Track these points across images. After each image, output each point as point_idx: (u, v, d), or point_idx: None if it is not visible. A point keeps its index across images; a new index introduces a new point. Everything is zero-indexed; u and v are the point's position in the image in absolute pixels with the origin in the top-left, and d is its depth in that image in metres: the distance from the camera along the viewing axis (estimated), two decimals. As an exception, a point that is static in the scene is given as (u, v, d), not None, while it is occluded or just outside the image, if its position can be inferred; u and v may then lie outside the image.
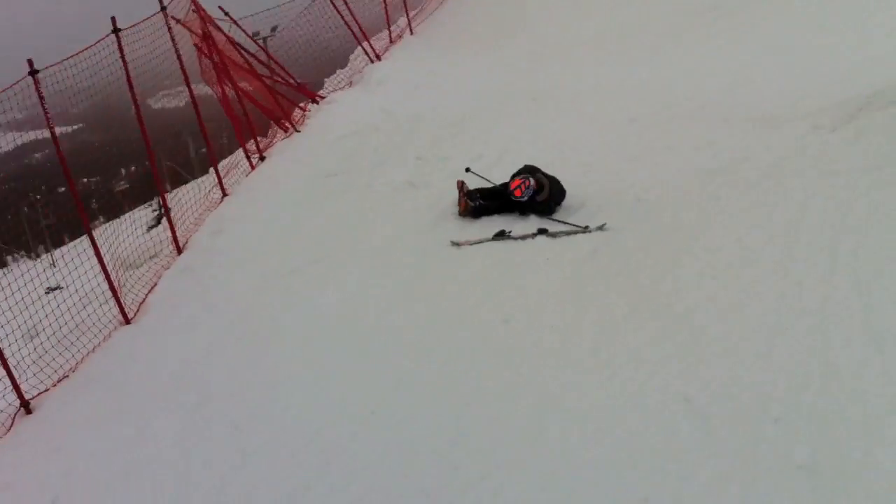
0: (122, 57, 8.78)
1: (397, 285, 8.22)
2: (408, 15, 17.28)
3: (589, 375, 6.00)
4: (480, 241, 8.90)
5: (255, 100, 11.95)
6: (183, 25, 10.69)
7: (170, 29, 10.02)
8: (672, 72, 14.21)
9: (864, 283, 6.15)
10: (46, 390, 7.37)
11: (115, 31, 8.84)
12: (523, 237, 8.82)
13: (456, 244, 8.92)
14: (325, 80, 16.49)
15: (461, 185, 9.69)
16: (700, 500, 4.58)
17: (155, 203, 20.93)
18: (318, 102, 13.43)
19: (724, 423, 5.04)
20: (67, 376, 7.52)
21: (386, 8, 16.91)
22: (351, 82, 14.72)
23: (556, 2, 18.55)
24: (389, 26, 16.87)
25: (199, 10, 11.41)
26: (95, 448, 6.41)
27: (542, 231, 8.83)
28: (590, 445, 5.23)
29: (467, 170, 10.21)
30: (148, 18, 9.90)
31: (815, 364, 5.36)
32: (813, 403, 5.01)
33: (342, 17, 15.52)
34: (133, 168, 45.99)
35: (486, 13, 18.28)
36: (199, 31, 11.21)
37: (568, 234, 8.71)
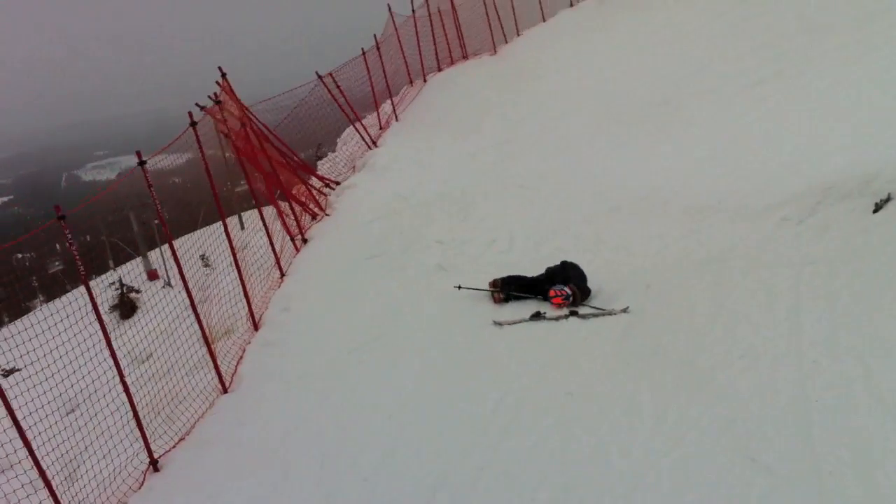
0: (150, 186, 9.16)
1: (457, 362, 9.46)
2: (392, 102, 18.74)
3: (656, 441, 7.37)
4: (520, 321, 10.27)
5: (283, 185, 13.18)
6: (220, 124, 11.72)
7: (200, 145, 10.74)
8: (636, 162, 16.00)
9: (867, 361, 7.73)
10: (169, 451, 8.36)
11: (141, 163, 9.01)
12: (557, 318, 10.23)
13: (498, 324, 10.27)
14: (317, 162, 17.73)
15: (494, 284, 10.99)
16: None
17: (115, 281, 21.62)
18: (332, 188, 14.73)
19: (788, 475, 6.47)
20: (184, 439, 8.53)
21: (374, 95, 18.35)
22: (354, 167, 16.03)
23: (519, 94, 20.37)
24: (379, 113, 18.30)
25: (237, 103, 12.60)
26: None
27: (573, 313, 10.26)
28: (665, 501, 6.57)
29: (458, 287, 11.11)
30: (178, 138, 10.76)
31: (846, 431, 6.87)
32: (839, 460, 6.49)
33: (337, 103, 16.83)
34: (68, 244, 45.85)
35: (459, 101, 19.97)
36: (236, 123, 12.34)
37: (595, 316, 10.16)
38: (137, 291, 24.06)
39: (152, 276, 33.53)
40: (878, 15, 19.32)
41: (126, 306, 20.73)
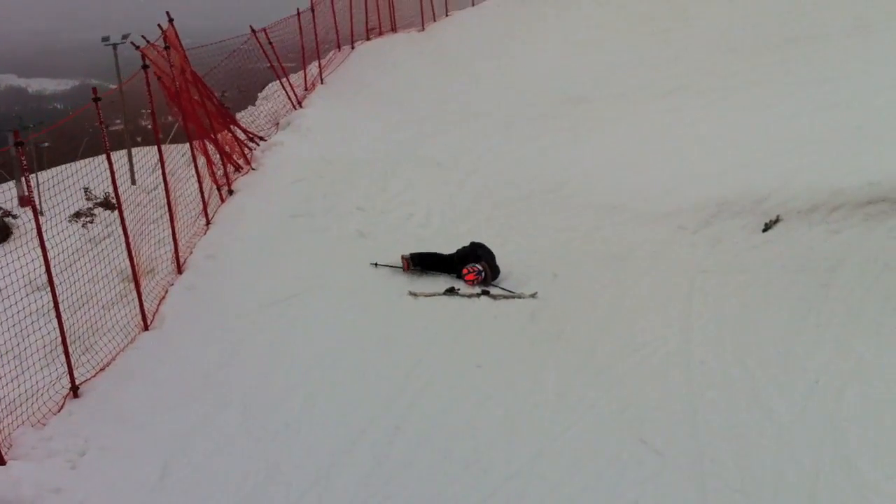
0: (101, 122, 9.34)
1: (374, 326, 10.02)
2: (320, 65, 19.00)
3: (559, 417, 8.13)
4: (434, 295, 10.88)
5: (211, 134, 13.40)
6: (156, 69, 11.85)
7: (149, 88, 11.03)
8: (549, 155, 16.75)
9: (748, 363, 8.68)
10: (88, 379, 8.60)
11: (96, 99, 9.16)
12: (469, 296, 10.89)
13: (414, 295, 10.86)
14: (237, 114, 17.85)
15: (406, 262, 11.54)
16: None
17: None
18: (258, 144, 14.99)
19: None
20: (104, 369, 8.80)
21: (303, 55, 18.57)
22: (278, 124, 16.29)
23: (443, 74, 20.92)
24: (306, 74, 18.52)
25: (176, 47, 12.74)
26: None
27: (485, 292, 10.94)
28: (565, 471, 7.32)
29: (374, 264, 11.59)
30: (129, 80, 11.00)
31: (727, 423, 7.77)
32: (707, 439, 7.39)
33: (269, 60, 17.01)
34: None
35: (385, 72, 20.38)
36: (176, 68, 12.49)
37: (505, 297, 10.87)
38: (14, 216, 23.50)
39: (24, 202, 32.53)
40: (795, 41, 20.65)
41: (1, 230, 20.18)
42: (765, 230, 12.22)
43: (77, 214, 17.41)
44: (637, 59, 21.34)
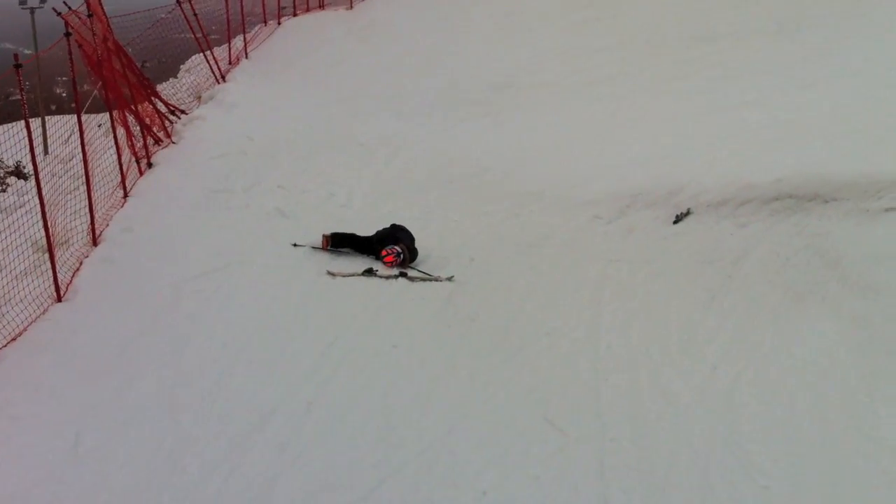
0: (21, 89, 9.33)
1: (291, 304, 10.10)
2: (245, 39, 18.85)
3: (469, 396, 8.39)
4: (352, 275, 11.02)
5: (130, 107, 13.25)
6: (79, 40, 11.64)
7: (71, 56, 10.92)
8: (472, 140, 16.97)
9: (652, 350, 9.07)
10: (-1, 349, 8.52)
11: (17, 66, 9.00)
12: (387, 277, 11.06)
13: (332, 274, 10.99)
14: (158, 86, 17.61)
15: (325, 241, 11.66)
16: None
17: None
18: (179, 117, 14.86)
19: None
20: (15, 339, 8.72)
21: (228, 28, 18.41)
22: (200, 98, 16.15)
23: (370, 53, 20.94)
24: (230, 48, 18.36)
25: (99, 15, 12.56)
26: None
27: (402, 274, 11.12)
28: (473, 446, 7.59)
29: (294, 245, 11.68)
30: (51, 48, 10.86)
31: (628, 405, 8.13)
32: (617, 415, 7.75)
33: (193, 32, 16.84)
34: None
35: (312, 49, 20.29)
36: (98, 36, 12.32)
37: (423, 280, 11.07)
38: None
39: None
40: (719, 38, 21.23)
41: None
42: (675, 222, 12.67)
43: (-15, 182, 17.06)
44: (564, 47, 21.60)
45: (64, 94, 41.75)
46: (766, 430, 7.61)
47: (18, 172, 17.56)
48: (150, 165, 12.90)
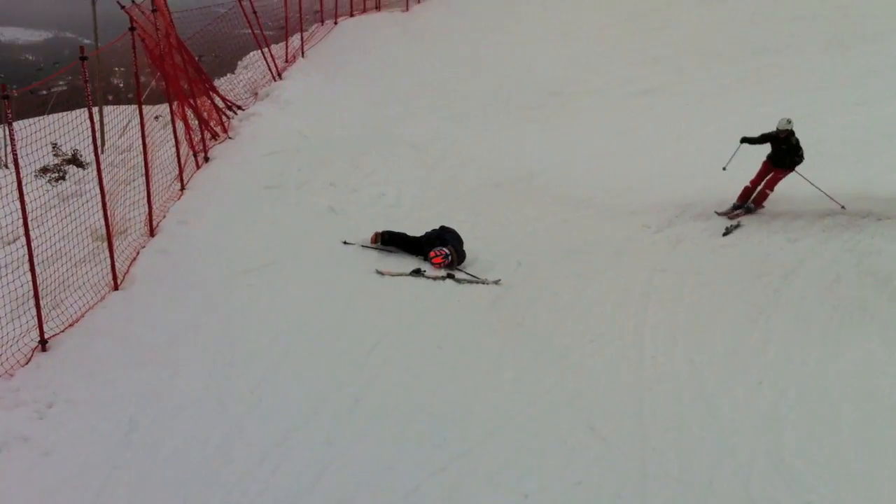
0: (86, 81, 9.36)
1: (340, 301, 10.25)
2: (302, 38, 19.11)
3: (513, 399, 8.46)
4: (401, 274, 11.15)
5: (189, 101, 13.52)
6: (141, 34, 11.86)
7: (135, 51, 11.14)
8: (521, 145, 17.07)
9: (696, 361, 9.08)
10: (57, 334, 8.76)
11: (83, 58, 9.13)
12: (435, 278, 11.17)
13: (380, 273, 11.13)
14: (214, 81, 17.89)
15: (376, 236, 11.81)
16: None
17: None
18: (236, 113, 15.13)
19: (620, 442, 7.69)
20: (73, 325, 8.97)
21: (287, 27, 18.68)
22: (257, 94, 16.42)
23: (424, 56, 21.12)
24: (288, 45, 18.63)
25: (162, 10, 12.82)
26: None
27: (450, 276, 11.23)
28: (516, 451, 7.66)
29: (344, 242, 11.79)
30: (117, 41, 11.12)
31: (671, 415, 8.15)
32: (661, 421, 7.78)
33: (251, 29, 17.12)
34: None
35: (367, 50, 20.54)
36: (161, 31, 12.58)
37: (469, 282, 11.17)
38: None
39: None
40: (770, 51, 21.10)
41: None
42: (725, 234, 12.64)
43: (44, 170, 17.45)
44: (616, 56, 21.66)
45: (121, 85, 42.45)
46: (810, 447, 7.60)
47: (76, 161, 17.96)
48: (206, 159, 13.19)
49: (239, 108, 15.61)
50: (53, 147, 16.31)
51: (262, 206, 12.16)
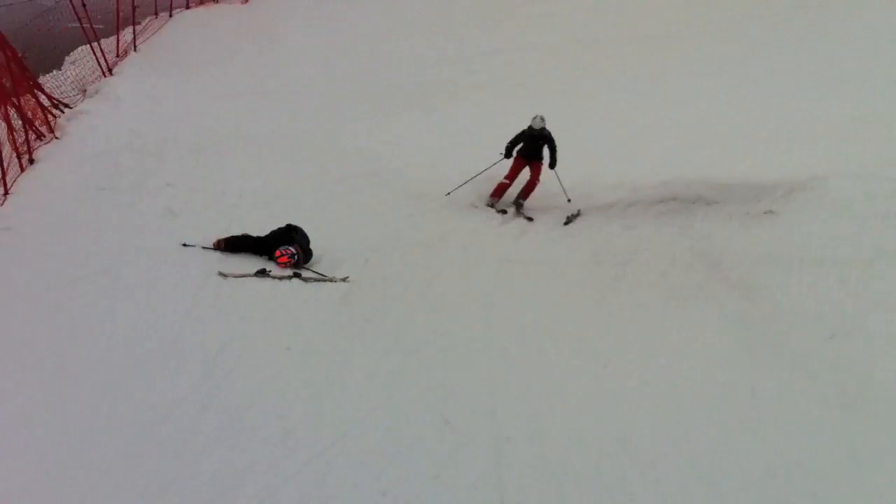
0: None
1: (181, 305, 9.83)
2: (134, 31, 18.30)
3: (367, 398, 8.38)
4: (245, 276, 10.83)
5: (11, 100, 12.70)
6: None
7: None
8: (364, 138, 16.88)
9: (546, 349, 9.26)
10: None
11: None
12: (280, 278, 10.91)
13: (223, 275, 10.78)
14: (39, 78, 16.89)
15: (218, 244, 11.41)
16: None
17: None
18: (63, 111, 14.33)
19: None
20: None
21: (118, 19, 17.82)
22: (85, 91, 15.60)
23: (268, 49, 20.59)
24: (119, 39, 17.78)
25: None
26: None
27: (297, 275, 11.01)
28: (371, 449, 7.59)
29: (184, 244, 11.31)
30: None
31: (523, 404, 8.27)
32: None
33: (80, 22, 16.25)
34: None
35: (205, 44, 19.79)
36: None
37: (317, 281, 10.98)
38: None
39: None
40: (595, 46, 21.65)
41: None
42: (566, 223, 12.97)
43: None
44: (466, 48, 21.54)
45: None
46: (656, 426, 7.89)
47: None
48: (31, 161, 12.38)
49: (66, 106, 14.77)
50: None
51: (93, 208, 11.52)
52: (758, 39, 20.60)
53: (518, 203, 13.67)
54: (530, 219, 13.32)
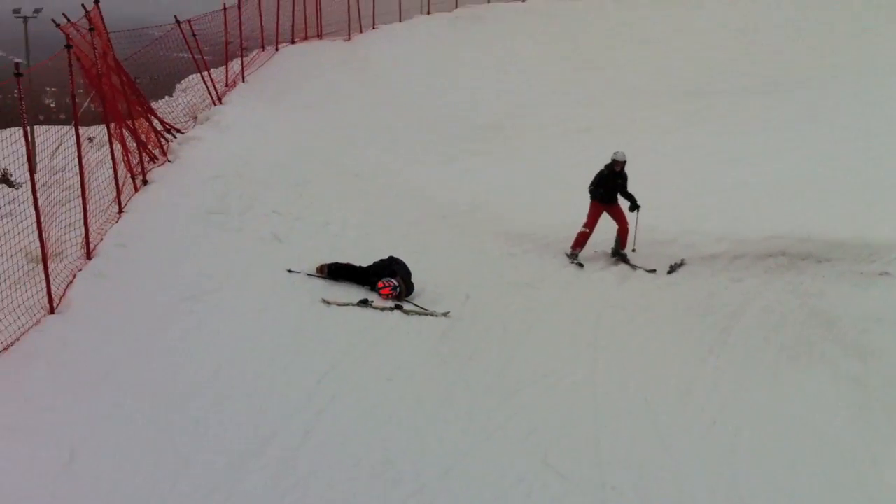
0: (20, 98, 9.02)
1: (286, 330, 9.91)
2: (242, 63, 18.80)
3: (468, 435, 8.24)
4: (347, 304, 10.87)
5: (127, 123, 13.08)
6: (78, 53, 11.36)
7: (71, 69, 10.69)
8: (464, 178, 17.04)
9: (650, 399, 9.00)
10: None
11: (18, 74, 8.70)
12: (382, 309, 10.90)
13: (327, 303, 10.83)
14: (153, 103, 17.44)
15: (321, 269, 11.56)
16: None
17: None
18: (175, 136, 14.73)
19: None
20: (7, 349, 8.39)
21: (227, 51, 18.35)
22: (196, 117, 16.03)
23: (366, 85, 21.01)
24: (228, 70, 18.29)
25: (100, 30, 12.43)
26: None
27: (398, 307, 10.99)
28: (473, 488, 7.42)
29: (289, 270, 11.49)
30: (52, 59, 10.71)
31: (628, 453, 8.02)
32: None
33: (191, 52, 16.77)
34: None
35: (308, 77, 20.31)
36: (99, 51, 12.17)
37: (418, 314, 10.94)
38: None
39: None
40: (702, 94, 21.53)
41: None
42: (669, 272, 12.72)
43: (-30, 189, 16.74)
44: (556, 93, 21.87)
45: (52, 105, 41.36)
46: (767, 488, 7.54)
47: (7, 180, 17.27)
48: (145, 182, 12.73)
49: (178, 131, 15.20)
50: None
51: (203, 231, 11.75)
52: (871, 91, 20.13)
53: (620, 255, 13.37)
54: (633, 266, 13.05)
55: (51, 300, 9.23)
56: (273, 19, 20.88)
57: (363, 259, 11.82)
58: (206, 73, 16.96)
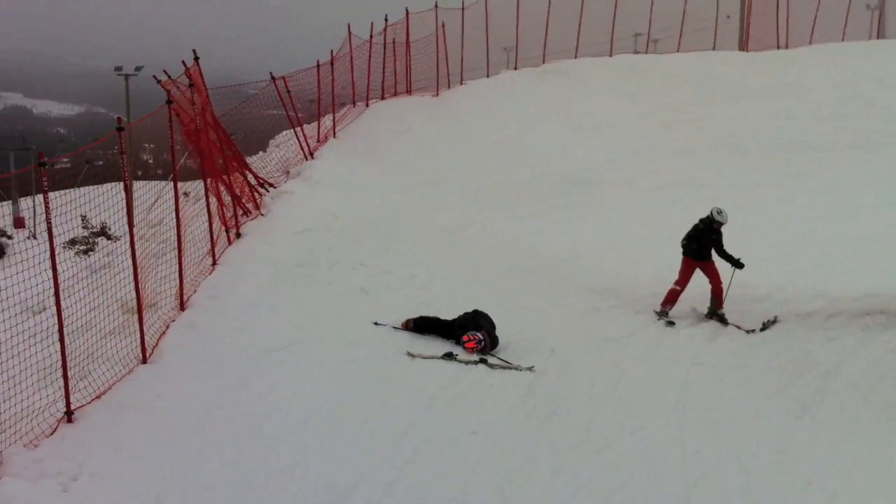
0: (122, 152, 9.41)
1: (371, 382, 9.99)
2: (334, 118, 19.26)
3: (552, 492, 8.10)
4: (432, 357, 10.89)
5: (223, 177, 13.51)
6: (177, 108, 11.81)
7: (171, 124, 11.14)
8: (551, 232, 16.95)
9: (742, 458, 8.72)
10: (83, 405, 8.48)
11: (120, 129, 9.08)
12: (467, 362, 10.89)
13: (411, 355, 10.87)
14: (247, 158, 17.99)
15: (407, 324, 11.65)
16: None
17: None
18: (268, 190, 15.14)
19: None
20: (100, 397, 8.69)
21: (319, 107, 18.84)
22: (288, 172, 16.45)
23: (454, 140, 21.24)
24: (319, 125, 18.76)
25: (199, 86, 12.91)
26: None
27: (482, 361, 10.96)
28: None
29: (375, 323, 11.64)
30: (153, 114, 11.18)
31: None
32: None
33: (285, 109, 17.27)
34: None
35: (397, 132, 20.67)
36: (197, 106, 12.64)
37: (503, 368, 10.88)
38: (9, 237, 23.72)
39: (18, 223, 32.67)
40: (798, 149, 21.13)
41: (-5, 248, 20.27)
42: (762, 329, 12.37)
43: (72, 241, 17.43)
44: (645, 149, 21.72)
45: (150, 161, 43.05)
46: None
47: (105, 233, 17.96)
48: (238, 235, 13.10)
49: (271, 185, 15.63)
50: (82, 219, 16.32)
51: (293, 283, 12.01)
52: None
53: (718, 315, 13.03)
54: (726, 322, 12.74)
55: (144, 350, 9.50)
56: (364, 76, 21.38)
57: (448, 312, 11.84)
58: (299, 129, 17.39)
